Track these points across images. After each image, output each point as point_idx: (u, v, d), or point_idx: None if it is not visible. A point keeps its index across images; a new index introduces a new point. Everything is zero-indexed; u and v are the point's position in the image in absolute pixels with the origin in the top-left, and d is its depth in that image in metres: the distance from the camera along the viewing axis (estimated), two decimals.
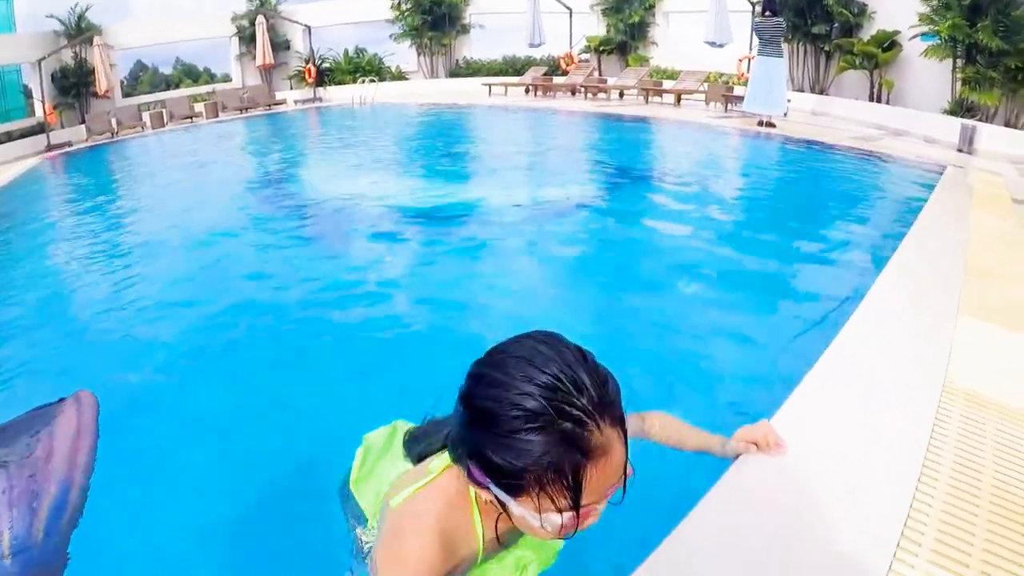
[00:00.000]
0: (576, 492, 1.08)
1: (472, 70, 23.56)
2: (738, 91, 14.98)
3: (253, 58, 22.72)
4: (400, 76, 23.95)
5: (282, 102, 21.59)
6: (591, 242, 6.63)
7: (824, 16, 15.36)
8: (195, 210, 8.70)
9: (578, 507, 1.09)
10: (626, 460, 1.14)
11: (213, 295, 5.29)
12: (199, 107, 19.90)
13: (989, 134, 10.65)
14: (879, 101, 14.52)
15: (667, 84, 17.52)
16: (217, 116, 19.64)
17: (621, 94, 18.35)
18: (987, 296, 3.91)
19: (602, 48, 21.16)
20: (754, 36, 13.49)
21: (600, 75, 20.13)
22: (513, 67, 22.87)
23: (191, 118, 19.42)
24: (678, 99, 16.53)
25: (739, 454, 2.11)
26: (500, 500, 1.16)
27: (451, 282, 5.42)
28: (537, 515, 1.11)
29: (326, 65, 23.65)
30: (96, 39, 19.66)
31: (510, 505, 1.14)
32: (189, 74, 25.35)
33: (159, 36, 22.63)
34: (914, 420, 2.52)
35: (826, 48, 15.83)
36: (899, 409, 2.60)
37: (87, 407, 3.55)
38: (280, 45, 23.18)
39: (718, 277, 5.33)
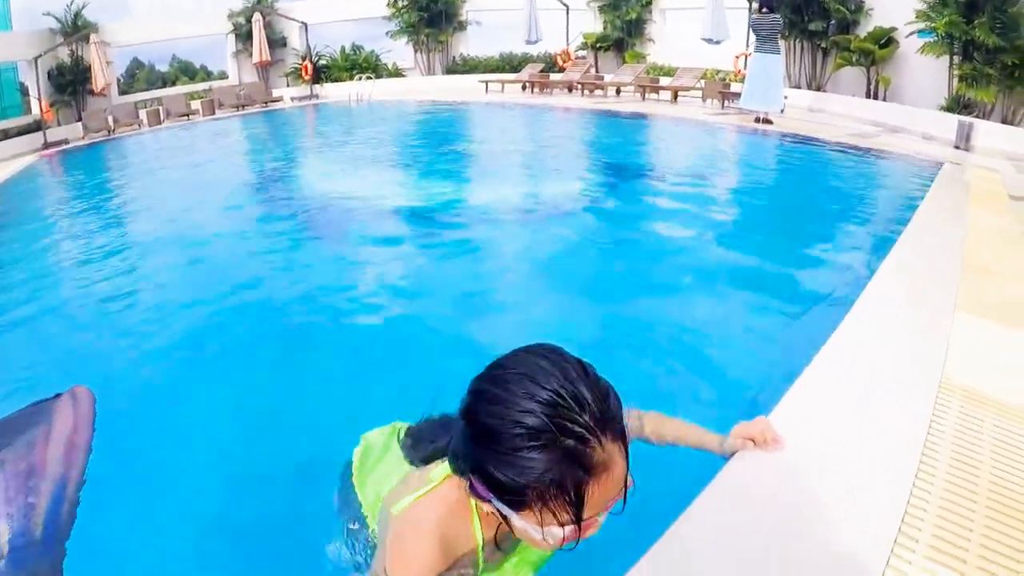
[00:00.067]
0: (578, 507, 1.08)
1: (469, 67, 23.53)
2: (735, 88, 14.97)
3: (250, 55, 22.68)
4: (397, 73, 23.92)
5: (279, 99, 21.55)
6: (588, 240, 6.61)
7: (821, 13, 15.37)
8: (192, 208, 8.68)
9: (580, 521, 1.09)
10: (627, 472, 1.13)
11: (209, 293, 5.28)
12: (196, 104, 19.83)
13: (986, 131, 10.66)
14: (876, 98, 14.53)
15: (664, 81, 17.48)
16: (214, 113, 19.59)
17: (618, 91, 18.33)
18: (984, 292, 3.91)
19: (599, 45, 21.15)
20: (751, 33, 13.48)
21: (597, 72, 20.09)
22: (510, 64, 22.81)
23: (188, 116, 19.35)
24: (675, 96, 16.51)
25: (736, 451, 2.12)
26: (502, 513, 1.16)
27: (448, 281, 5.41)
28: (539, 528, 1.11)
29: (323, 62, 23.59)
30: (92, 37, 19.60)
31: (512, 518, 1.14)
32: (186, 71, 25.28)
33: (156, 33, 22.57)
34: (911, 416, 2.52)
35: (823, 45, 15.83)
36: (896, 405, 2.60)
37: (83, 403, 3.54)
38: (277, 42, 23.14)
39: (714, 274, 5.33)
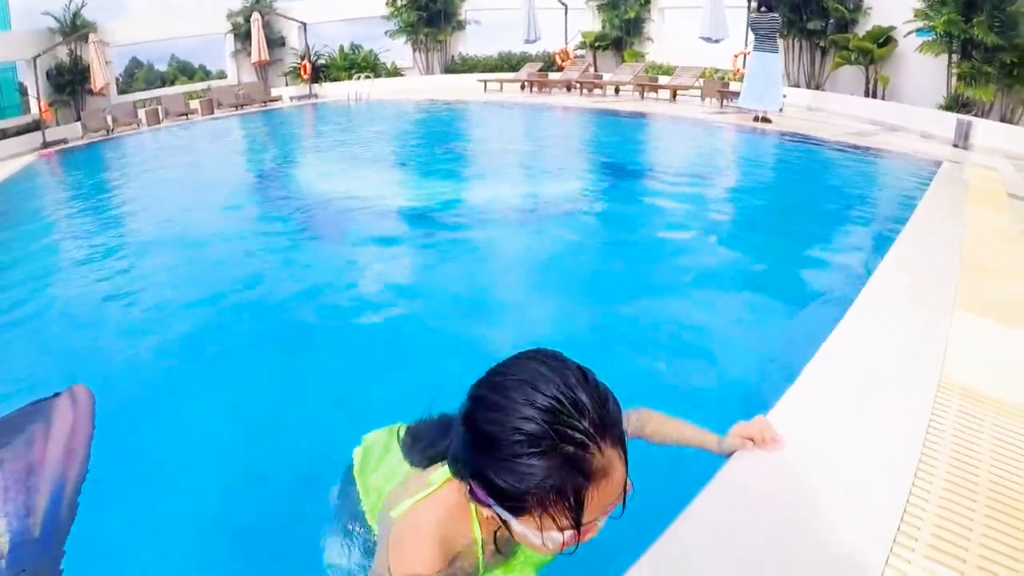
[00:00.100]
0: (578, 513, 1.08)
1: (468, 66, 23.52)
2: (734, 87, 14.99)
3: (248, 55, 22.67)
4: (395, 72, 23.89)
5: (278, 99, 21.53)
6: (586, 239, 6.61)
7: (819, 12, 15.37)
8: (190, 208, 8.67)
9: (579, 526, 1.10)
10: (626, 477, 1.14)
11: (208, 292, 5.28)
12: (194, 104, 19.80)
13: (985, 129, 10.68)
14: (874, 97, 14.54)
15: (663, 80, 17.48)
16: (212, 113, 19.57)
17: (617, 90, 18.33)
18: (983, 291, 3.91)
19: (597, 44, 21.15)
20: (749, 32, 13.48)
21: (596, 71, 20.08)
22: (509, 63, 22.80)
23: (187, 115, 19.33)
24: (674, 95, 16.52)
25: (735, 450, 2.11)
26: (502, 518, 1.16)
27: (447, 280, 5.41)
28: (539, 533, 1.12)
29: (321, 62, 23.57)
30: (91, 36, 19.57)
31: (512, 523, 1.15)
32: (184, 71, 25.25)
33: (154, 33, 22.52)
34: (910, 416, 2.52)
35: (821, 44, 15.84)
36: (895, 405, 2.60)
37: (83, 402, 3.54)
38: (275, 42, 23.11)
39: (713, 273, 5.33)
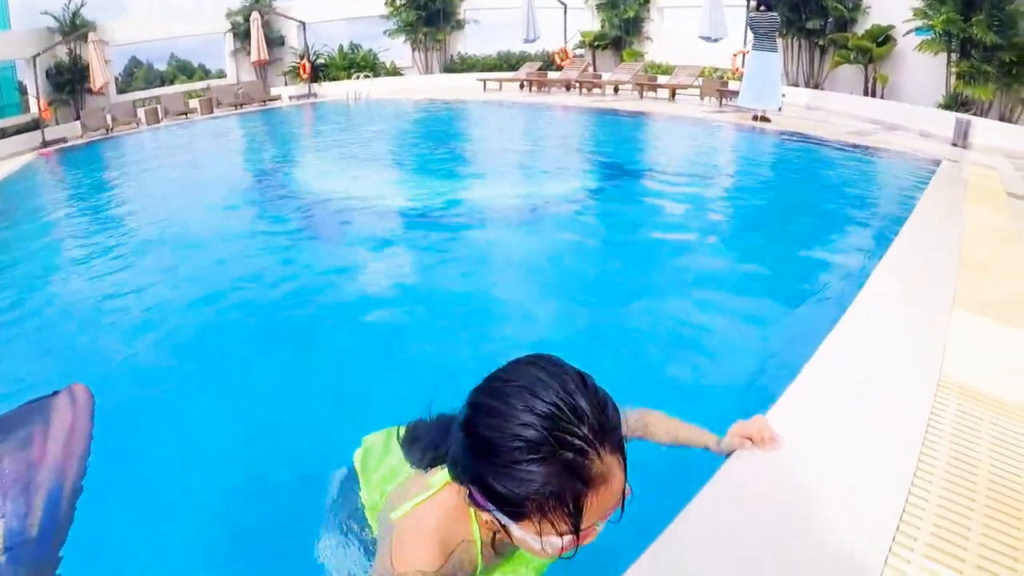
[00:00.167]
0: (577, 518, 1.09)
1: (467, 65, 23.50)
2: (733, 86, 14.99)
3: (248, 54, 22.66)
4: (394, 72, 23.89)
5: (277, 98, 21.51)
6: (585, 238, 6.61)
7: (818, 11, 15.38)
8: (189, 207, 8.67)
9: (578, 531, 1.10)
10: (625, 482, 1.14)
11: (207, 292, 5.27)
12: (194, 103, 19.78)
13: (984, 128, 10.69)
14: (874, 96, 14.54)
15: (662, 79, 17.48)
16: (212, 112, 19.56)
17: (616, 89, 18.33)
18: (981, 290, 3.91)
19: (597, 43, 21.13)
20: (748, 31, 13.47)
21: (595, 70, 20.08)
22: (508, 62, 22.80)
23: (186, 114, 19.32)
24: (673, 94, 16.52)
25: (734, 449, 2.11)
26: (501, 523, 1.16)
27: (446, 280, 5.41)
28: (538, 538, 1.12)
29: (321, 61, 23.55)
30: (91, 35, 19.54)
31: (511, 528, 1.15)
32: (184, 70, 25.23)
33: (154, 32, 22.49)
34: (909, 415, 2.52)
35: (820, 43, 15.84)
36: (894, 404, 2.60)
37: (81, 400, 3.53)
38: (275, 41, 23.10)
39: (711, 272, 5.33)
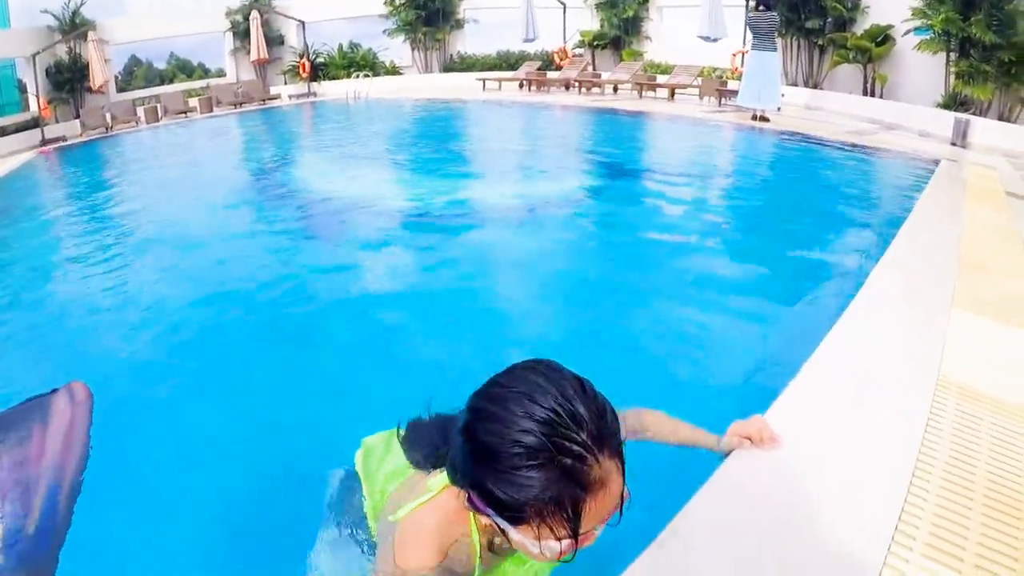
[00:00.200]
0: (575, 523, 1.09)
1: (466, 65, 23.50)
2: (732, 85, 14.99)
3: (247, 53, 22.65)
4: (394, 71, 23.89)
5: (276, 97, 21.51)
6: (583, 238, 6.62)
7: (818, 10, 15.37)
8: (189, 206, 8.66)
9: (577, 536, 1.11)
10: (623, 486, 1.15)
11: (206, 291, 5.27)
12: (193, 102, 19.74)
13: (983, 128, 10.69)
14: (873, 95, 14.54)
15: (661, 79, 17.47)
16: (211, 111, 19.53)
17: (615, 89, 18.33)
18: (981, 289, 3.91)
19: (596, 43, 21.11)
20: (748, 30, 13.47)
21: (594, 70, 20.08)
22: (507, 62, 22.79)
23: (185, 113, 19.30)
24: (672, 94, 16.52)
25: (733, 449, 2.12)
26: (500, 527, 1.17)
27: (445, 279, 5.41)
28: (536, 542, 1.13)
29: (320, 60, 23.53)
30: (90, 34, 19.53)
31: (510, 532, 1.16)
32: (183, 69, 25.21)
33: (153, 31, 22.48)
34: (908, 414, 2.52)
35: (820, 42, 15.84)
36: (893, 403, 2.60)
37: (80, 398, 3.53)
38: (274, 40, 23.08)
39: (711, 272, 5.33)
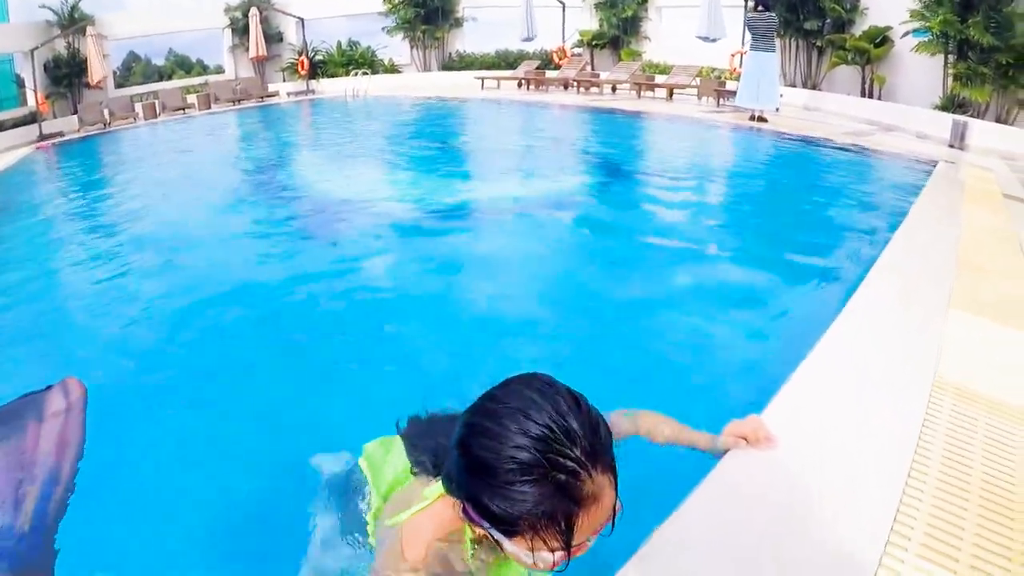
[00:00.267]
0: (568, 536, 1.12)
1: (465, 63, 23.49)
2: (730, 86, 15.00)
3: (246, 50, 22.59)
4: (393, 69, 23.89)
5: (275, 94, 21.50)
6: (581, 238, 6.62)
7: (816, 11, 15.39)
8: (186, 203, 8.66)
9: (569, 548, 1.13)
10: (615, 500, 1.17)
11: (203, 287, 5.25)
12: (192, 98, 19.75)
13: (980, 130, 10.69)
14: (871, 97, 14.54)
15: (659, 79, 17.49)
16: (210, 108, 19.53)
17: (613, 88, 18.33)
18: (978, 291, 3.92)
19: (595, 42, 21.12)
20: (746, 31, 13.47)
21: (592, 69, 20.10)
22: (506, 61, 22.79)
23: (184, 109, 19.30)
24: (670, 94, 16.53)
25: (729, 449, 2.12)
26: (494, 538, 1.19)
27: (443, 278, 5.42)
28: (530, 553, 1.15)
29: (319, 57, 23.53)
30: (89, 29, 19.48)
31: (504, 543, 1.18)
32: (182, 65, 25.19)
33: (152, 27, 22.47)
34: (904, 415, 2.52)
35: (818, 43, 15.85)
36: (889, 404, 2.61)
37: (75, 395, 3.52)
38: (273, 37, 23.05)
39: (708, 272, 5.33)
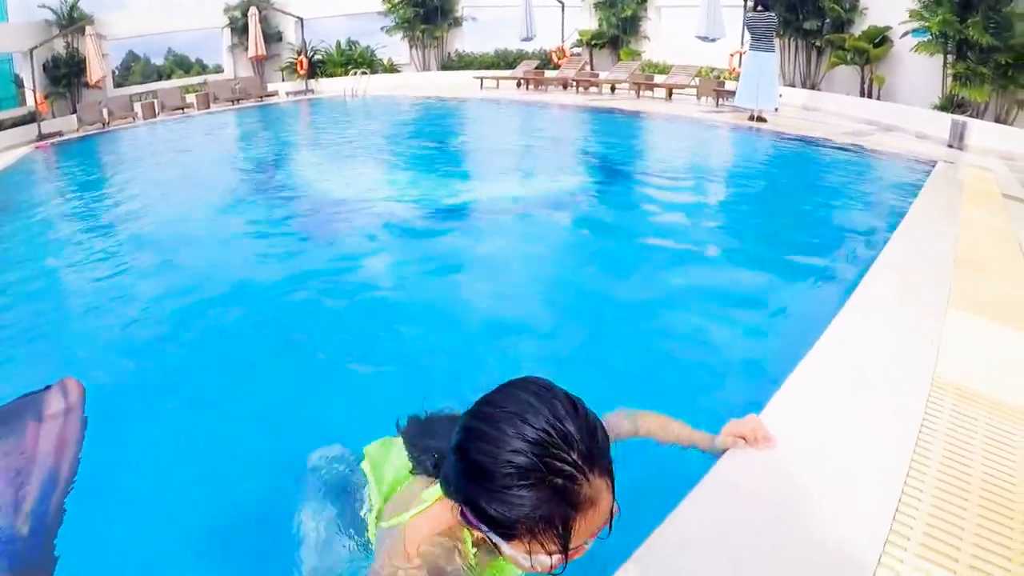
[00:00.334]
0: (565, 539, 1.12)
1: (464, 63, 23.50)
2: (729, 86, 14.99)
3: (245, 49, 22.59)
4: (392, 69, 23.89)
5: (274, 94, 21.49)
6: (579, 238, 6.62)
7: (816, 11, 15.40)
8: (184, 202, 8.65)
9: (567, 551, 1.14)
10: (613, 503, 1.17)
11: (202, 287, 5.24)
12: (191, 98, 19.74)
13: (979, 130, 10.70)
14: (870, 97, 14.55)
15: (659, 78, 17.50)
16: (209, 107, 19.52)
17: (613, 88, 18.33)
18: (977, 290, 3.92)
19: (594, 42, 21.12)
20: (746, 31, 13.47)
21: (592, 69, 20.10)
22: (505, 60, 22.79)
23: (183, 109, 19.29)
24: (669, 93, 16.53)
25: (727, 448, 2.11)
26: (492, 541, 1.20)
27: (442, 278, 5.41)
28: (528, 556, 1.16)
29: (318, 57, 23.52)
30: (88, 29, 19.46)
31: (502, 546, 1.19)
32: (181, 65, 25.19)
33: (151, 27, 22.47)
34: (903, 414, 2.52)
35: (817, 43, 15.86)
36: (888, 403, 2.60)
37: (74, 395, 3.52)
38: (272, 37, 23.05)
39: (707, 272, 5.33)
